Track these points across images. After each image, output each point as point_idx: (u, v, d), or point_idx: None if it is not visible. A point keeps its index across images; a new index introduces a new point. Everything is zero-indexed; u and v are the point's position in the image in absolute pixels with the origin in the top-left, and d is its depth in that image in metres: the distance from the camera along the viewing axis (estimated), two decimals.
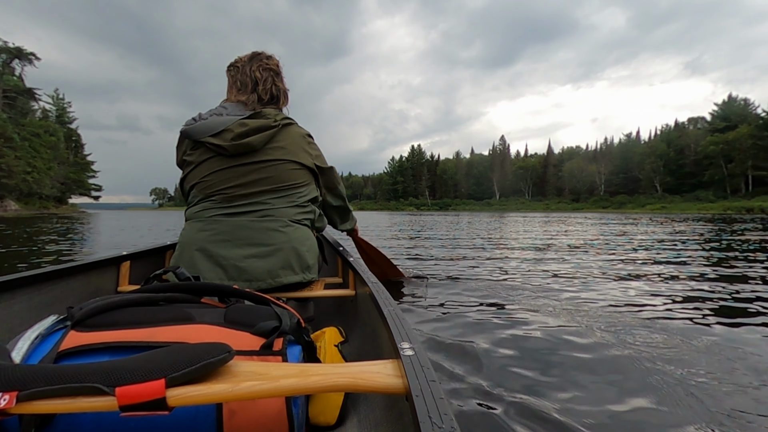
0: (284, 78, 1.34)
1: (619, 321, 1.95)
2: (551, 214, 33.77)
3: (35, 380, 0.41)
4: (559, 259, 4.35)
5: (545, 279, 3.15)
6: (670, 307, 2.27)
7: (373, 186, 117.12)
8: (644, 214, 38.00)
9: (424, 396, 0.43)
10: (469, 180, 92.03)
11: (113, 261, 1.29)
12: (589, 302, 2.36)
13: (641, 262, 4.12)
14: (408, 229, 10.48)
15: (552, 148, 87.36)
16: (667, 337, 1.71)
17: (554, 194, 79.21)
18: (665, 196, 59.73)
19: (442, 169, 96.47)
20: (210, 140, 1.12)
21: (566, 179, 77.99)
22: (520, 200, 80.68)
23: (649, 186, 64.94)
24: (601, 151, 77.48)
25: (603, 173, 73.00)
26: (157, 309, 0.66)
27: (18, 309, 0.92)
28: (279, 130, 1.18)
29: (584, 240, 7.06)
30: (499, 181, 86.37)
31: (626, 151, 71.14)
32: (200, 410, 0.55)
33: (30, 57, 48.06)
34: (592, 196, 71.53)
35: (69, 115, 57.07)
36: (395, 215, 32.05)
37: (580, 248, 5.59)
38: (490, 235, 8.31)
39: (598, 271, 3.51)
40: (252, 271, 1.06)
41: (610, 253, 5.04)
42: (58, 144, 47.69)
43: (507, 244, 6.30)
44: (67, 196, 53.33)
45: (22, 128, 42.73)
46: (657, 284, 2.96)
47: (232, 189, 1.12)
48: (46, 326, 0.60)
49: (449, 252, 5.08)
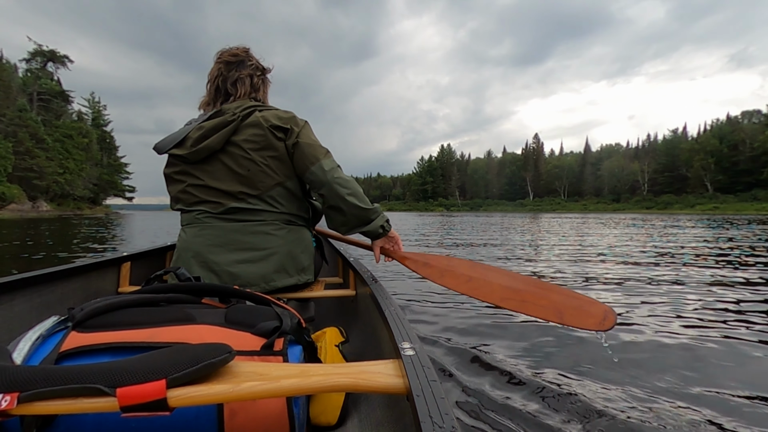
0: (256, 61, 1.21)
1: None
2: (592, 215, 31.22)
3: (36, 381, 0.41)
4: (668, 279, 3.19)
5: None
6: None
7: (402, 186, 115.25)
8: (694, 215, 35.40)
9: (425, 396, 0.43)
10: (501, 180, 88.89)
11: (114, 262, 1.29)
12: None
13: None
14: (439, 232, 9.64)
15: (590, 146, 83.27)
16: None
17: (592, 194, 75.39)
18: (717, 196, 55.78)
19: (473, 168, 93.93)
20: (173, 151, 1.11)
21: (605, 178, 73.82)
22: (556, 200, 77.00)
23: (698, 185, 60.41)
24: (644, 149, 72.88)
25: (646, 171, 68.09)
26: (157, 309, 0.66)
27: (19, 310, 0.92)
28: (240, 122, 1.08)
29: (680, 249, 5.57)
30: (532, 181, 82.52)
31: (672, 147, 66.39)
32: (201, 411, 0.55)
33: (63, 59, 49.52)
34: (633, 196, 67.19)
35: (104, 118, 58.23)
36: (425, 216, 30.48)
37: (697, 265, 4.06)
38: (545, 240, 7.18)
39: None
40: (245, 276, 1.05)
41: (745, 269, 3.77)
42: (91, 146, 48.49)
43: (588, 253, 5.09)
44: (102, 198, 54.53)
45: (56, 130, 43.42)
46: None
47: (213, 195, 1.09)
48: (47, 327, 0.60)
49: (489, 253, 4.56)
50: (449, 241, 7.21)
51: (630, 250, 5.58)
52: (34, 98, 44.11)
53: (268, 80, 1.29)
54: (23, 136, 36.80)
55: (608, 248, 5.79)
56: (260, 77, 1.23)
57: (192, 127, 1.12)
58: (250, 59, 1.21)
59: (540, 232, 9.41)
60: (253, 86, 1.20)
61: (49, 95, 45.64)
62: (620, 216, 28.04)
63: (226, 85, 1.17)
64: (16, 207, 33.70)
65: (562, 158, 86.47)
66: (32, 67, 47.27)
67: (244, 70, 1.18)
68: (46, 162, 38.77)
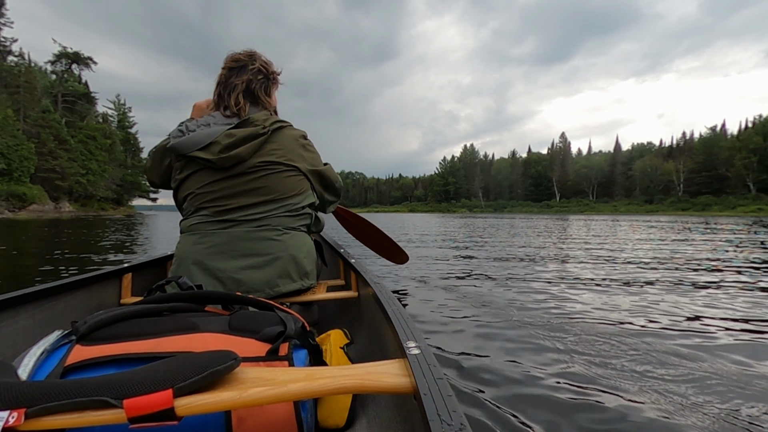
0: (260, 65, 1.21)
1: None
2: (625, 217, 28.45)
3: (43, 396, 0.41)
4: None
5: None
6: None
7: (424, 187, 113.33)
8: (736, 216, 33.24)
9: (432, 394, 0.43)
10: (526, 180, 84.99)
11: (115, 274, 1.29)
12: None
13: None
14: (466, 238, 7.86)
15: (620, 145, 77.83)
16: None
17: (622, 195, 70.91)
18: (761, 197, 51.28)
19: (497, 169, 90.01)
20: (198, 154, 1.08)
21: (637, 178, 68.93)
22: (584, 202, 73.19)
23: (739, 185, 55.65)
24: (678, 147, 68.19)
25: (682, 171, 63.69)
26: (161, 319, 0.66)
27: (22, 326, 0.92)
28: (269, 137, 1.12)
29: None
30: (559, 182, 79.18)
31: (710, 146, 61.03)
32: (209, 419, 0.55)
33: (87, 61, 48.65)
34: (668, 197, 62.91)
35: (129, 120, 57.66)
36: (447, 218, 28.18)
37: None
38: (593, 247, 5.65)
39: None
40: (249, 282, 1.05)
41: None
42: (114, 147, 48.00)
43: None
44: (127, 199, 53.80)
45: (79, 131, 43.04)
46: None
47: (225, 201, 1.09)
48: (51, 341, 0.60)
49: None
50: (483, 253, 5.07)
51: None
52: (59, 100, 43.87)
53: (276, 82, 1.26)
54: (46, 137, 36.57)
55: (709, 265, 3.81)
56: (262, 81, 1.20)
57: (218, 130, 1.09)
58: (253, 63, 1.19)
59: (591, 238, 7.64)
60: (251, 91, 1.18)
61: (74, 97, 45.48)
62: (659, 219, 25.01)
63: (228, 92, 1.17)
64: (37, 207, 33.22)
65: (591, 158, 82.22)
66: (57, 69, 46.92)
67: (243, 76, 1.17)
68: (68, 163, 38.57)
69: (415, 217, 35.35)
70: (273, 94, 1.26)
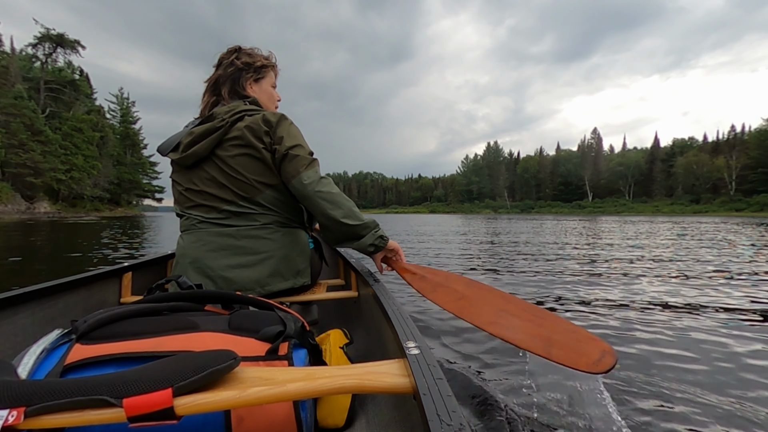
0: (245, 58, 1.19)
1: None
2: (669, 218, 26.64)
3: (42, 395, 0.41)
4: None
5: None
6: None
7: (444, 187, 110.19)
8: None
9: (431, 394, 0.43)
10: (555, 179, 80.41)
11: (115, 273, 1.29)
12: None
13: None
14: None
15: (658, 140, 71.64)
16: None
17: (663, 194, 65.88)
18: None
19: (523, 167, 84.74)
20: (170, 156, 1.13)
21: (680, 176, 63.46)
22: (620, 201, 67.87)
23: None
24: (727, 142, 61.44)
25: (734, 168, 57.46)
26: (161, 318, 0.66)
27: (22, 324, 0.92)
28: (229, 128, 1.07)
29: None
30: (591, 180, 74.03)
31: (767, 139, 53.55)
32: (208, 418, 0.55)
33: (74, 44, 43.09)
34: (717, 196, 57.23)
35: (133, 115, 53.62)
36: (470, 219, 26.89)
37: None
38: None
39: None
40: (239, 280, 1.05)
41: None
42: (106, 141, 42.38)
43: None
44: (126, 199, 49.18)
45: (64, 122, 37.99)
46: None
47: (206, 199, 1.09)
48: (51, 340, 0.60)
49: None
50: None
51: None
52: (41, 87, 38.48)
53: (266, 74, 1.24)
54: (17, 127, 30.87)
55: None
56: (232, 74, 1.18)
57: (186, 131, 1.13)
58: (239, 58, 1.19)
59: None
60: (238, 84, 1.19)
61: (59, 84, 39.78)
62: (711, 219, 23.17)
63: (215, 89, 1.20)
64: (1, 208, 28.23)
65: (626, 154, 75.65)
66: (40, 54, 41.03)
67: (228, 69, 1.19)
68: (41, 157, 32.71)
69: (436, 218, 32.90)
70: (255, 85, 1.23)
